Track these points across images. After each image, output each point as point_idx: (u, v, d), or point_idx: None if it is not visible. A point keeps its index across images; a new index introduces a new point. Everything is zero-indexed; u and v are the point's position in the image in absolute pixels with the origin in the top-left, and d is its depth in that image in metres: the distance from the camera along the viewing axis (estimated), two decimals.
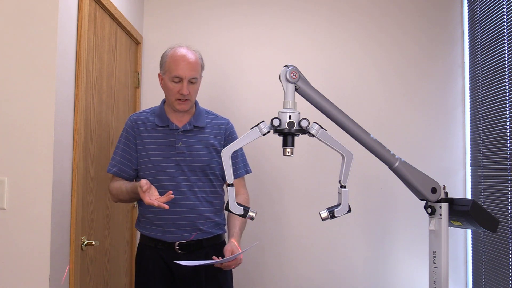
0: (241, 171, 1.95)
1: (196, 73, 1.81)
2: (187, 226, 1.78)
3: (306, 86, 1.54)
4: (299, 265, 2.65)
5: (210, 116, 1.93)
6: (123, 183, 1.80)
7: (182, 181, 1.79)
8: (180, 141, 1.81)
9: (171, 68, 1.79)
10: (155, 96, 2.70)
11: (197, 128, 1.86)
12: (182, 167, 1.80)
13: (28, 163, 1.56)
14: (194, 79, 1.80)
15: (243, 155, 1.98)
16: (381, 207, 2.64)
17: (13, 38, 1.58)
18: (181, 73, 1.77)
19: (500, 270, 2.19)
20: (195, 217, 1.79)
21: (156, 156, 1.81)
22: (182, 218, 1.78)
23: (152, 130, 1.84)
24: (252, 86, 2.69)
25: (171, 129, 1.83)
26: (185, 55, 1.79)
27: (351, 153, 1.51)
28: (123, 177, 1.84)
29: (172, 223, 1.78)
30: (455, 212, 1.59)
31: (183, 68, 1.77)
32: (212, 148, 1.86)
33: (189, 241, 1.78)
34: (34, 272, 1.54)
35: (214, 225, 1.85)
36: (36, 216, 1.56)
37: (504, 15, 2.21)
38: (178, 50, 1.81)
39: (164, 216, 1.77)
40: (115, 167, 1.84)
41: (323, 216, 1.51)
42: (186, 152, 1.81)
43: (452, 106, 2.67)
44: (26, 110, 1.57)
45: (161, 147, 1.82)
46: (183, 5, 2.74)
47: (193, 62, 1.79)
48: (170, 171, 1.79)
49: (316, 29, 2.72)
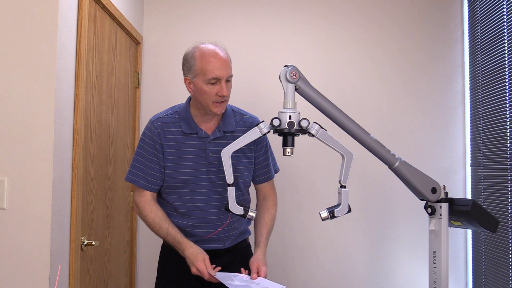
0: (271, 174, 1.86)
1: (231, 70, 1.65)
2: (217, 238, 1.71)
3: (306, 86, 1.54)
4: (298, 265, 2.65)
5: (238, 116, 1.77)
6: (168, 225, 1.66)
7: (213, 194, 1.68)
8: (211, 151, 1.66)
9: (205, 69, 1.59)
10: (155, 96, 2.70)
11: (227, 133, 1.70)
12: (212, 179, 1.68)
13: (28, 163, 1.56)
14: (231, 77, 1.65)
15: (272, 153, 1.87)
16: (381, 207, 2.64)
17: (13, 38, 1.58)
18: (218, 73, 1.58)
19: (500, 270, 2.19)
20: (225, 230, 1.71)
21: (185, 167, 1.66)
22: (212, 227, 1.70)
23: (179, 138, 1.67)
24: (252, 86, 2.69)
25: (200, 137, 1.67)
26: (217, 53, 1.61)
27: (351, 153, 1.51)
28: (151, 189, 1.68)
29: (201, 237, 1.70)
30: (455, 212, 1.59)
31: (219, 67, 1.59)
32: (242, 155, 1.72)
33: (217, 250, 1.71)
34: (34, 272, 1.54)
35: (240, 233, 1.79)
36: (36, 216, 1.55)
37: (504, 15, 2.21)
38: (207, 49, 1.62)
39: (193, 230, 1.70)
40: (141, 179, 1.67)
41: (323, 216, 1.51)
42: (217, 162, 1.64)
43: (452, 106, 2.67)
44: (26, 110, 1.57)
45: (191, 158, 1.66)
46: (183, 5, 2.74)
47: (226, 58, 1.63)
48: (200, 184, 1.67)
49: (316, 29, 2.72)
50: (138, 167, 1.68)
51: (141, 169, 1.67)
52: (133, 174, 1.68)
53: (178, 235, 1.65)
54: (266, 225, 1.76)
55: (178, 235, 1.65)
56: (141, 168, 1.67)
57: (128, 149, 2.50)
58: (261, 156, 1.80)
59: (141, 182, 1.67)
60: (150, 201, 1.69)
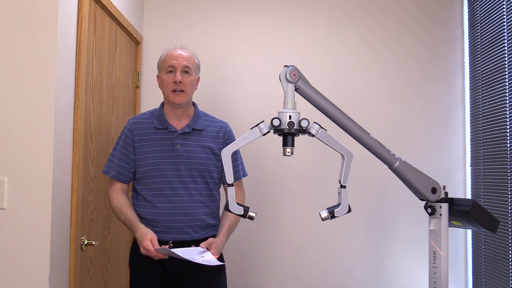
0: (240, 174, 1.99)
1: (189, 63, 1.84)
2: (182, 228, 1.80)
3: (306, 86, 1.54)
4: (298, 265, 2.65)
5: (209, 119, 1.95)
6: (127, 210, 1.80)
7: (179, 183, 1.81)
8: (179, 144, 1.83)
9: (165, 61, 1.86)
10: (155, 96, 2.69)
11: (196, 131, 1.88)
12: (179, 169, 1.82)
13: (28, 163, 1.56)
14: (188, 68, 1.84)
15: (241, 158, 2.01)
16: (381, 207, 2.64)
17: (13, 38, 1.58)
18: (174, 62, 1.83)
19: (500, 270, 2.19)
20: (190, 219, 1.81)
21: (154, 158, 1.82)
22: (177, 220, 1.80)
23: (150, 132, 1.86)
24: (252, 86, 2.69)
25: (169, 132, 1.85)
26: (177, 50, 1.88)
27: (351, 153, 1.51)
28: (121, 180, 1.86)
29: (168, 224, 1.79)
30: (455, 212, 1.59)
31: (175, 58, 1.84)
32: (210, 151, 1.88)
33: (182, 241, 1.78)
34: (34, 272, 1.54)
35: (207, 226, 1.86)
36: (36, 216, 1.56)
37: (504, 15, 2.21)
38: (173, 48, 1.90)
39: (160, 218, 1.79)
40: (113, 170, 1.85)
41: (323, 216, 1.51)
42: (184, 154, 1.82)
43: (452, 106, 2.67)
44: (26, 110, 1.57)
45: (159, 149, 1.83)
46: (183, 5, 2.74)
47: (186, 55, 1.86)
48: (167, 173, 1.81)
49: (316, 28, 2.71)
50: (111, 159, 1.87)
51: (113, 162, 1.86)
52: (107, 166, 1.88)
53: (133, 219, 1.77)
54: (229, 219, 1.87)
55: (133, 219, 1.77)
56: (114, 160, 1.86)
57: None
58: None
59: (112, 173, 1.86)
60: (117, 190, 1.86)
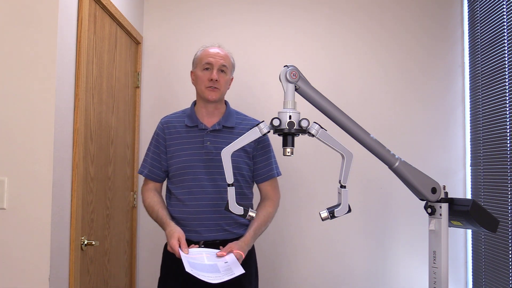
0: (274, 172, 1.94)
1: (226, 63, 1.84)
2: (212, 226, 1.77)
3: (306, 86, 1.54)
4: (298, 265, 2.65)
5: (241, 117, 1.92)
6: (159, 208, 1.81)
7: (208, 180, 1.79)
8: (208, 141, 1.81)
9: (202, 58, 1.84)
10: (155, 96, 2.70)
11: (226, 128, 1.85)
12: (209, 167, 1.79)
13: (28, 163, 1.56)
14: (224, 67, 1.84)
15: (274, 156, 1.95)
16: (381, 207, 2.64)
17: (13, 38, 1.58)
18: (211, 60, 1.82)
19: (500, 270, 2.19)
20: (220, 217, 1.77)
21: (184, 156, 1.82)
22: (207, 218, 1.77)
23: (181, 130, 1.86)
24: (252, 86, 2.69)
25: (200, 129, 1.83)
26: (214, 48, 1.87)
27: (351, 153, 1.51)
28: (153, 179, 1.90)
29: (198, 222, 1.77)
30: (455, 212, 1.59)
31: (213, 56, 1.83)
32: (240, 149, 1.75)
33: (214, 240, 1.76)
34: (34, 272, 1.54)
35: (239, 225, 1.82)
36: (36, 216, 1.56)
37: (504, 15, 2.21)
38: (209, 46, 1.90)
39: (188, 216, 1.78)
40: (146, 169, 1.90)
41: (323, 216, 1.51)
42: (214, 151, 1.79)
43: (452, 106, 2.67)
44: (26, 110, 1.57)
45: (189, 147, 1.82)
46: (183, 4, 2.74)
47: (223, 53, 1.86)
48: (197, 171, 1.79)
49: (316, 28, 2.71)
50: (145, 159, 1.93)
51: (146, 161, 1.91)
52: (142, 166, 1.94)
53: (164, 217, 1.78)
54: (258, 219, 1.82)
55: (164, 217, 1.78)
56: (147, 160, 1.91)
57: (128, 149, 2.50)
58: (262, 155, 1.88)
59: (145, 172, 1.91)
60: (150, 189, 1.90)
